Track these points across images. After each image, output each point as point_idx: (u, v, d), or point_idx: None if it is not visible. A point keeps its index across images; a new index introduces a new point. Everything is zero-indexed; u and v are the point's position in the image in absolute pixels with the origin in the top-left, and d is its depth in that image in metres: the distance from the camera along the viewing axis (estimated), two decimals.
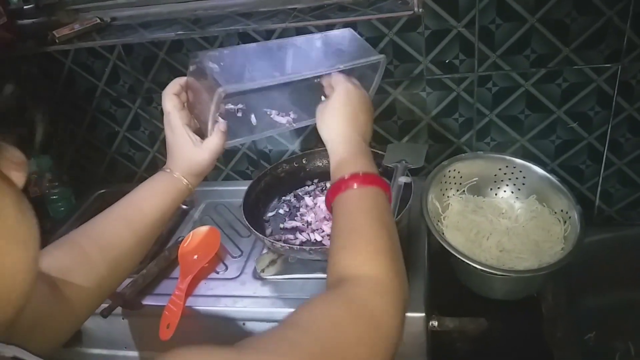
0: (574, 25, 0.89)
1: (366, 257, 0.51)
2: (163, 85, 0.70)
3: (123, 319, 0.89)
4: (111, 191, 1.22)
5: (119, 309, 0.87)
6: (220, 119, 0.68)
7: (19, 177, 0.36)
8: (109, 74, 1.10)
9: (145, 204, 0.67)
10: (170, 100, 0.67)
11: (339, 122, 0.64)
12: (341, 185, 0.57)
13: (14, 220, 0.35)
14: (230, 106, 0.74)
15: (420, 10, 0.90)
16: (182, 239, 0.97)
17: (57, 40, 1.04)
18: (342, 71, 0.70)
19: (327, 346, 0.42)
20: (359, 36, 0.77)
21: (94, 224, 0.64)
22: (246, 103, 0.76)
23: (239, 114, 0.75)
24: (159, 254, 0.96)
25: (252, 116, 0.76)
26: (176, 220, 1.08)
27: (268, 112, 0.77)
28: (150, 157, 1.21)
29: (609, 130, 0.99)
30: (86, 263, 0.60)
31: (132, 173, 1.25)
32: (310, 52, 0.76)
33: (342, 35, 0.78)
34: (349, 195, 0.57)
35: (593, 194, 1.07)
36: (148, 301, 0.89)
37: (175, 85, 0.68)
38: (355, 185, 0.57)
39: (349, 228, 0.54)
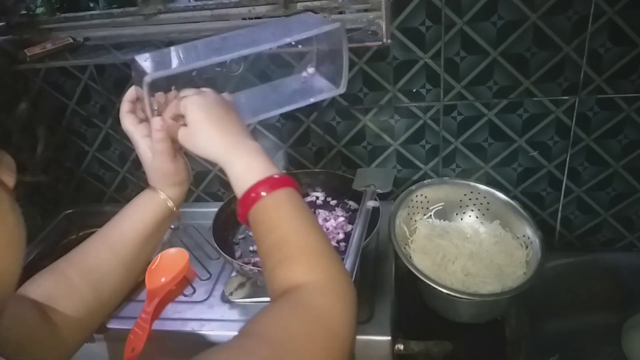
0: (534, 59, 0.93)
1: (304, 265, 0.50)
2: None
3: (86, 342, 0.87)
4: (79, 211, 1.20)
5: None
6: (156, 117, 0.62)
7: (9, 181, 0.36)
8: (80, 94, 1.10)
9: (124, 221, 0.66)
10: (126, 118, 0.66)
11: (215, 135, 0.57)
12: (249, 197, 0.53)
13: (11, 225, 0.35)
14: None
15: (389, 41, 0.94)
16: (150, 261, 0.96)
17: (28, 59, 1.04)
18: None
19: (281, 351, 0.43)
20: (316, 14, 0.71)
21: (77, 249, 0.64)
22: None
23: None
24: None
25: None
26: None
27: None
28: (120, 177, 1.20)
29: (568, 159, 1.03)
30: (69, 288, 0.60)
31: (101, 193, 1.23)
32: (256, 35, 0.70)
33: (297, 18, 0.73)
34: (263, 206, 0.53)
35: (554, 220, 1.11)
36: (113, 324, 0.87)
37: (125, 103, 0.66)
38: (265, 193, 0.53)
39: (278, 242, 0.52)
